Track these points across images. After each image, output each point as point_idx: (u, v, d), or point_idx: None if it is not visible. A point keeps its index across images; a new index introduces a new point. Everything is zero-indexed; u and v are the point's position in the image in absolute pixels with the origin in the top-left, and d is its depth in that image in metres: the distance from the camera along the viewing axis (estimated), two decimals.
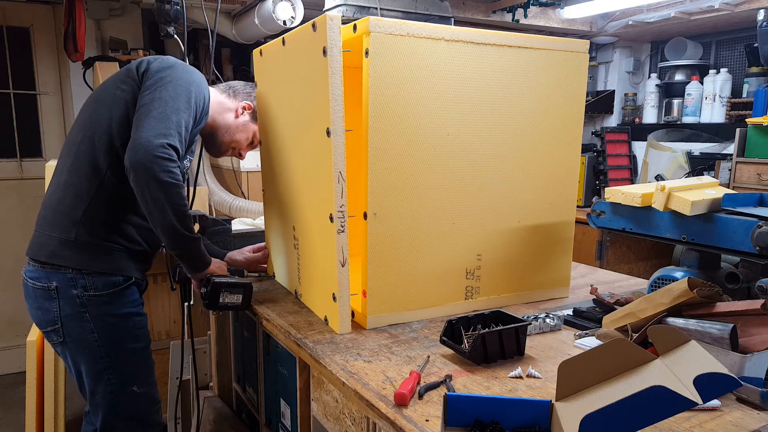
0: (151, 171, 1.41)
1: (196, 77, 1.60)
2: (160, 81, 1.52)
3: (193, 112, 1.55)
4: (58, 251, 1.56)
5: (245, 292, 1.65)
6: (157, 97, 1.49)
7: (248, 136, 1.86)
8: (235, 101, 1.82)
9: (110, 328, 1.61)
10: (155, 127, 1.44)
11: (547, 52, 1.60)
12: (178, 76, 1.55)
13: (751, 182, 3.23)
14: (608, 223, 1.62)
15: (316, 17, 1.36)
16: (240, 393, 2.07)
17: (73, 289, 1.56)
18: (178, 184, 1.46)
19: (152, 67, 1.57)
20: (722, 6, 3.25)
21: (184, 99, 1.52)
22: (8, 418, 3.19)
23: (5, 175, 3.71)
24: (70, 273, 1.56)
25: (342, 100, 1.34)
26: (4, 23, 3.55)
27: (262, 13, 2.96)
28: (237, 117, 1.82)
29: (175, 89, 1.51)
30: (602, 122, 4.65)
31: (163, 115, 1.46)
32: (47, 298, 1.57)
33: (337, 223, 1.38)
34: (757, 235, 1.27)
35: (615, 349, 0.87)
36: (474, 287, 1.62)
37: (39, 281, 1.58)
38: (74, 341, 1.60)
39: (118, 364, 1.64)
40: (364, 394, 1.11)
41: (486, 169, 1.57)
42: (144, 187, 1.43)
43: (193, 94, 1.55)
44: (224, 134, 1.81)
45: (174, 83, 1.52)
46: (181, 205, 1.48)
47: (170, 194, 1.44)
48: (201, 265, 1.61)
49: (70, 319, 1.58)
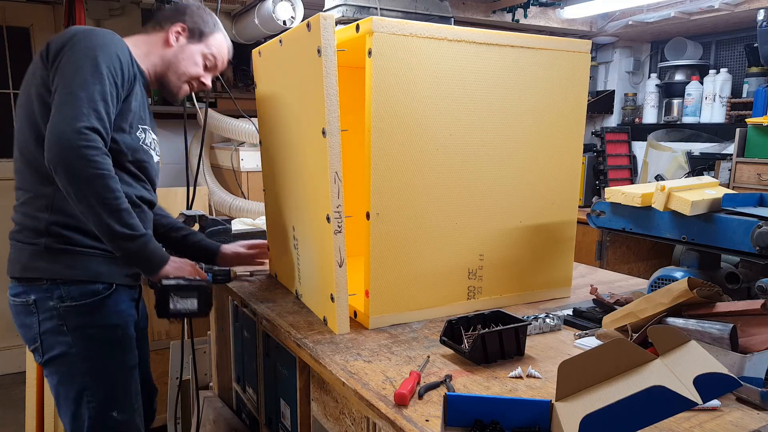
0: (69, 165, 1.26)
1: (99, 38, 1.39)
2: (61, 60, 1.35)
3: (108, 78, 1.35)
4: (30, 263, 1.43)
5: (200, 296, 1.47)
6: (60, 79, 1.33)
7: (195, 60, 1.62)
8: (164, 31, 1.59)
9: (91, 341, 1.46)
10: (64, 113, 1.28)
11: (549, 52, 1.60)
12: (78, 47, 1.36)
13: (751, 182, 3.23)
14: (608, 223, 1.62)
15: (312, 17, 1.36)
16: (240, 393, 2.07)
17: (49, 300, 1.43)
18: (103, 174, 1.29)
19: (51, 46, 1.39)
20: (722, 6, 3.25)
21: (89, 69, 1.33)
22: (8, 418, 3.19)
23: (5, 175, 3.70)
24: (45, 284, 1.43)
25: (337, 100, 1.34)
26: (4, 23, 3.55)
27: (262, 13, 2.96)
28: (170, 46, 1.58)
29: (77, 62, 1.33)
30: (602, 122, 4.65)
31: (69, 96, 1.29)
32: (27, 313, 1.46)
33: (334, 224, 1.38)
34: (757, 235, 1.27)
35: (615, 349, 0.87)
36: (476, 287, 1.62)
37: (19, 297, 1.46)
38: (53, 359, 1.46)
39: (99, 384, 1.49)
40: (364, 394, 1.11)
41: (488, 168, 1.57)
42: (66, 185, 1.28)
43: (101, 59, 1.35)
44: (167, 73, 1.60)
45: (74, 56, 1.34)
46: (112, 198, 1.31)
47: (95, 188, 1.28)
48: (153, 266, 1.43)
49: (48, 334, 1.45)
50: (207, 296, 1.49)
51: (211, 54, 1.64)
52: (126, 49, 1.46)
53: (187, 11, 1.62)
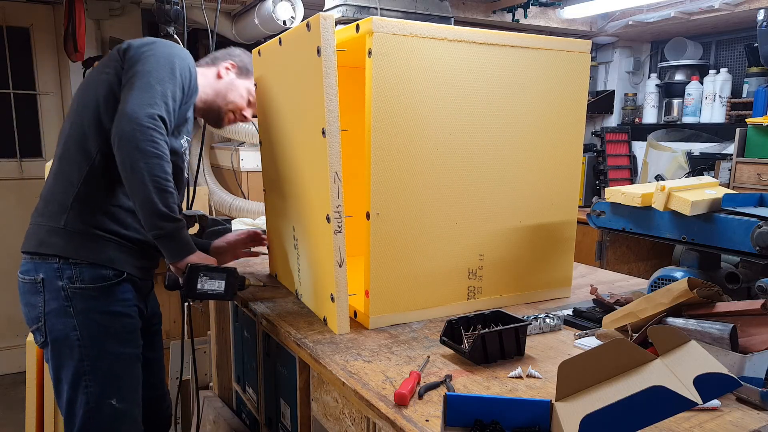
0: (134, 139, 1.36)
1: (178, 50, 1.56)
2: (141, 55, 1.49)
3: (179, 82, 1.50)
4: (46, 239, 1.49)
5: (228, 278, 1.51)
6: (140, 70, 1.45)
7: (242, 94, 1.81)
8: (216, 66, 1.80)
9: (95, 326, 1.49)
10: (140, 98, 1.40)
11: (549, 52, 1.60)
12: (159, 50, 1.51)
13: (751, 182, 3.23)
14: (608, 223, 1.62)
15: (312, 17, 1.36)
16: (240, 393, 2.07)
17: (58, 280, 1.47)
18: (161, 155, 1.40)
19: (133, 44, 1.53)
20: (722, 6, 3.25)
21: (167, 69, 1.48)
22: (8, 418, 3.19)
23: (5, 175, 3.71)
24: (56, 263, 1.47)
25: (337, 100, 1.34)
26: (4, 23, 3.55)
27: (262, 13, 2.97)
28: (221, 78, 1.79)
29: (158, 60, 1.48)
30: (602, 122, 4.65)
31: (147, 85, 1.42)
32: (34, 292, 1.49)
33: (333, 224, 1.38)
34: (757, 235, 1.27)
35: (615, 349, 0.87)
36: (476, 287, 1.62)
37: (27, 274, 1.51)
38: (55, 340, 1.49)
39: (99, 370, 1.50)
40: (364, 394, 1.11)
41: (488, 168, 1.57)
42: (125, 156, 1.37)
43: (177, 65, 1.51)
44: (216, 100, 1.78)
45: (156, 55, 1.49)
46: (163, 178, 1.40)
47: (151, 165, 1.38)
48: (181, 252, 1.47)
49: (53, 315, 1.48)
50: (234, 279, 1.53)
51: (252, 92, 1.83)
52: (194, 66, 1.61)
53: (236, 52, 1.85)
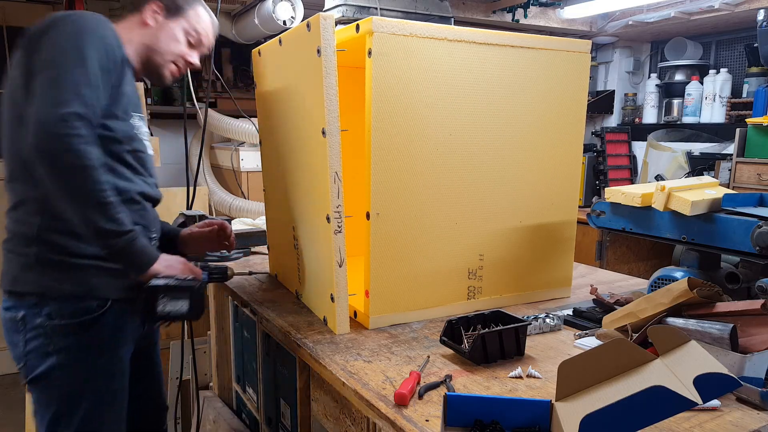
0: (48, 155, 1.14)
1: (84, 23, 1.28)
2: (39, 44, 1.24)
3: (94, 61, 1.24)
4: (20, 275, 1.30)
5: (192, 296, 1.32)
6: (39, 63, 1.21)
7: (177, 37, 1.48)
8: (140, 13, 1.46)
9: (75, 364, 1.32)
10: (45, 99, 1.16)
11: (549, 52, 1.60)
12: (61, 32, 1.25)
13: (751, 182, 3.23)
14: (608, 223, 1.62)
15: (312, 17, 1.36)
16: (240, 393, 2.07)
17: (37, 317, 1.29)
18: (87, 165, 1.16)
19: (29, 32, 1.28)
20: (722, 6, 3.25)
21: (73, 52, 1.22)
22: (8, 418, 3.19)
23: None
24: (33, 299, 1.29)
25: (337, 100, 1.34)
26: (4, 23, 3.55)
27: (262, 13, 2.97)
28: (148, 25, 1.46)
29: (60, 46, 1.22)
30: (602, 122, 4.65)
31: (51, 81, 1.18)
32: (15, 330, 1.32)
33: (333, 224, 1.38)
34: (757, 235, 1.27)
35: (615, 349, 0.87)
36: (476, 287, 1.62)
37: (9, 311, 1.33)
38: (35, 380, 1.32)
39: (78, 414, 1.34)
40: (364, 394, 1.11)
41: (488, 168, 1.57)
42: (45, 176, 1.16)
43: (87, 41, 1.24)
44: (151, 55, 1.47)
45: (57, 41, 1.23)
46: (96, 190, 1.18)
47: (76, 180, 1.16)
48: (142, 264, 1.29)
49: (32, 355, 1.31)
50: (199, 298, 1.35)
51: (194, 29, 1.51)
52: (113, 31, 1.34)
53: None
